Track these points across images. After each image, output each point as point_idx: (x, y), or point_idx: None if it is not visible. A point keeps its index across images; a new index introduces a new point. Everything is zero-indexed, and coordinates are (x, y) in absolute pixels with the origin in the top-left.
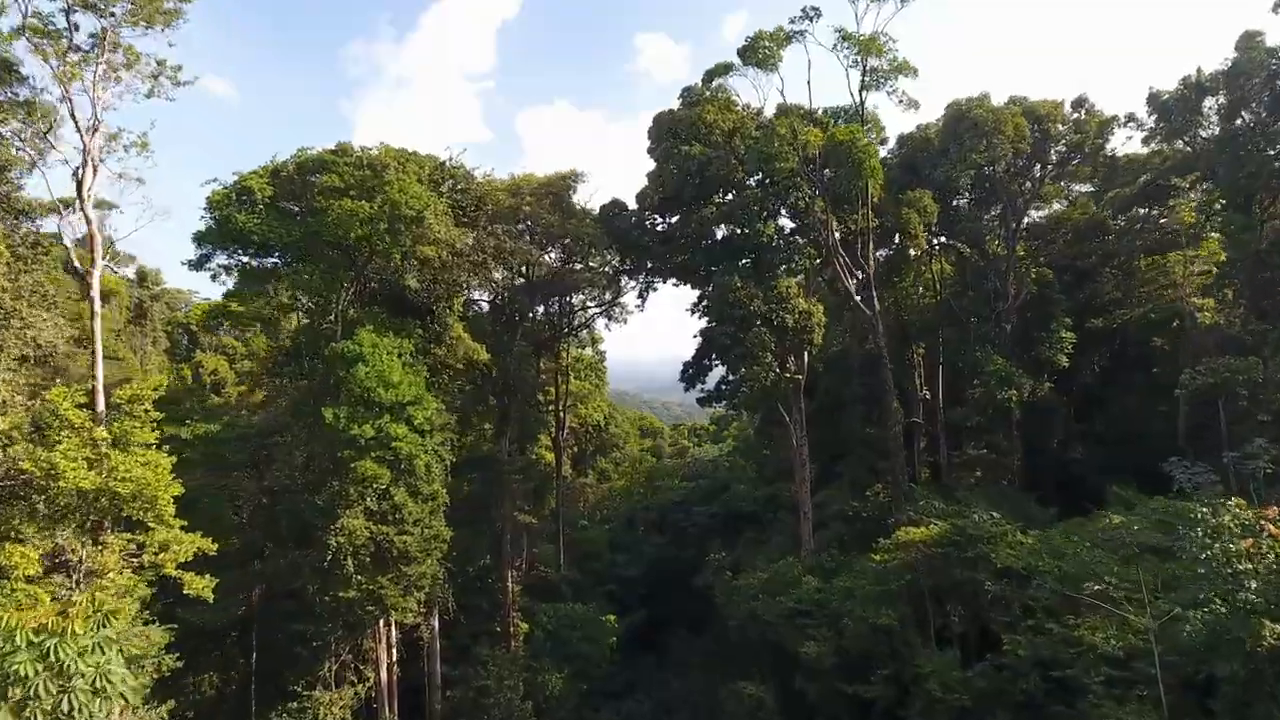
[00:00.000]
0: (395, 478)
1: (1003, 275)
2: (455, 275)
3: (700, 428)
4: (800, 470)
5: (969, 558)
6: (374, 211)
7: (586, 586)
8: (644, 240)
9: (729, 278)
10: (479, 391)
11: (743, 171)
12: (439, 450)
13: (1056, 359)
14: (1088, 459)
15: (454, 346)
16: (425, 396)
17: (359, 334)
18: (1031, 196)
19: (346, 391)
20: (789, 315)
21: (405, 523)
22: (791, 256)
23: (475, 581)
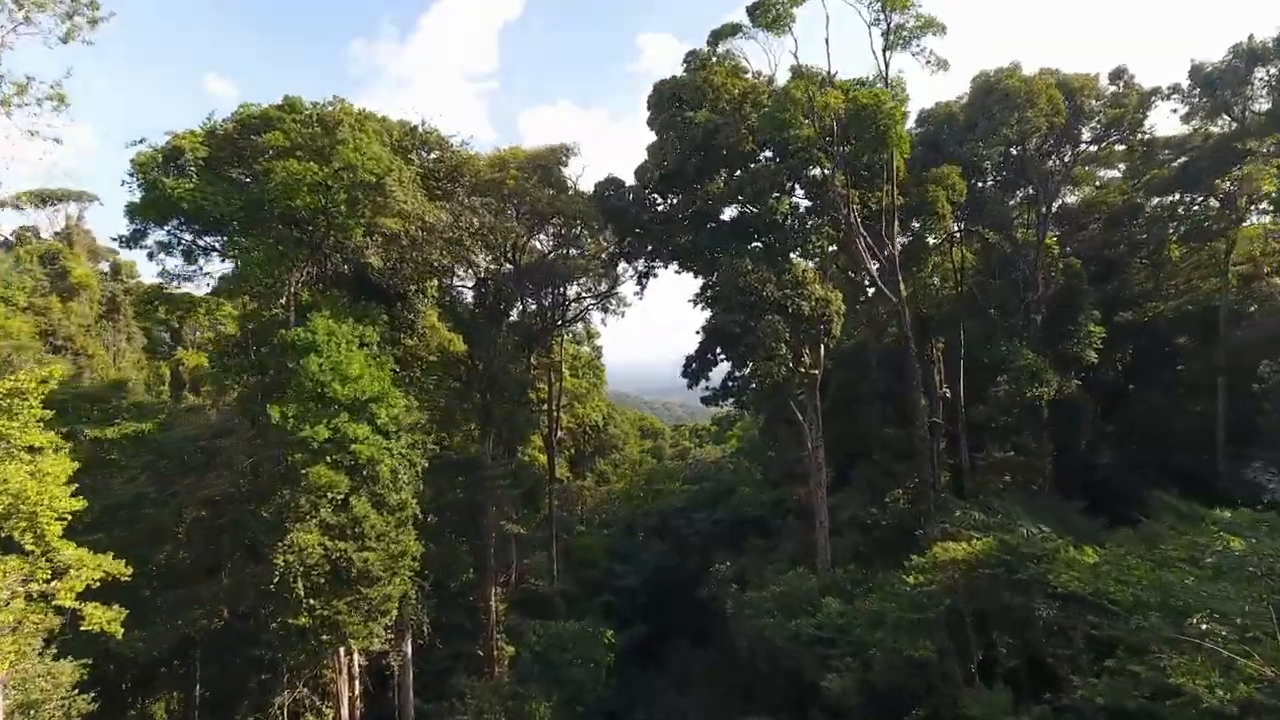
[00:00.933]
0: (355, 486)
1: (1032, 263)
2: (426, 254)
3: (702, 428)
4: (816, 474)
5: (1020, 580)
6: (325, 175)
7: (582, 598)
8: (643, 219)
9: (739, 260)
10: (464, 389)
11: (753, 142)
12: (408, 454)
13: (1084, 355)
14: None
15: (427, 336)
16: (391, 392)
17: (312, 319)
18: (1063, 178)
19: (296, 386)
20: (805, 302)
21: (367, 537)
22: (807, 238)
23: (457, 598)
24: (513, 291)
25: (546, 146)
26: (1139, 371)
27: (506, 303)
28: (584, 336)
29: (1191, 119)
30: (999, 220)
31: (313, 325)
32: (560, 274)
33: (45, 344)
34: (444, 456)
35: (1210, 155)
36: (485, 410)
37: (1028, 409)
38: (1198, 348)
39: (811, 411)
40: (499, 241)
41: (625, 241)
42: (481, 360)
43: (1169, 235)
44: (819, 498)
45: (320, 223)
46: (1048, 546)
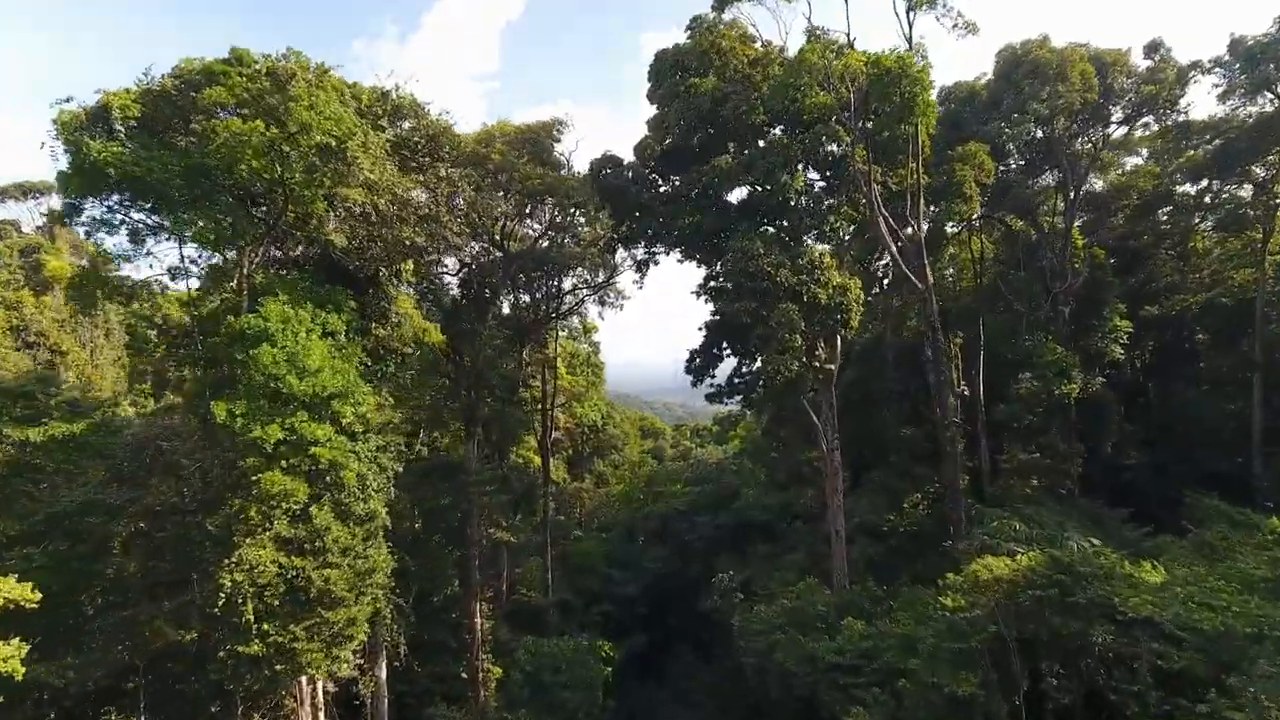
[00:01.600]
0: (316, 494)
1: (1060, 252)
2: (399, 233)
3: (703, 428)
4: (831, 479)
5: (1077, 603)
6: (276, 137)
7: (578, 608)
8: (643, 199)
9: (749, 242)
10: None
11: (764, 114)
12: (378, 457)
13: (1110, 350)
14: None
15: (400, 325)
16: (357, 387)
17: (265, 304)
18: (1093, 160)
19: (246, 381)
20: (821, 290)
21: (329, 552)
22: (823, 220)
23: (440, 614)
24: (501, 280)
25: (537, 121)
26: (1163, 368)
27: (494, 292)
28: (580, 331)
29: (1229, 97)
30: (1024, 205)
31: (265, 311)
32: (554, 262)
33: (16, 340)
34: (428, 459)
35: (1249, 136)
36: (470, 409)
37: (1055, 407)
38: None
39: (826, 410)
40: (483, 222)
41: (624, 225)
42: (467, 354)
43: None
44: (835, 504)
45: (276, 195)
46: (1103, 563)
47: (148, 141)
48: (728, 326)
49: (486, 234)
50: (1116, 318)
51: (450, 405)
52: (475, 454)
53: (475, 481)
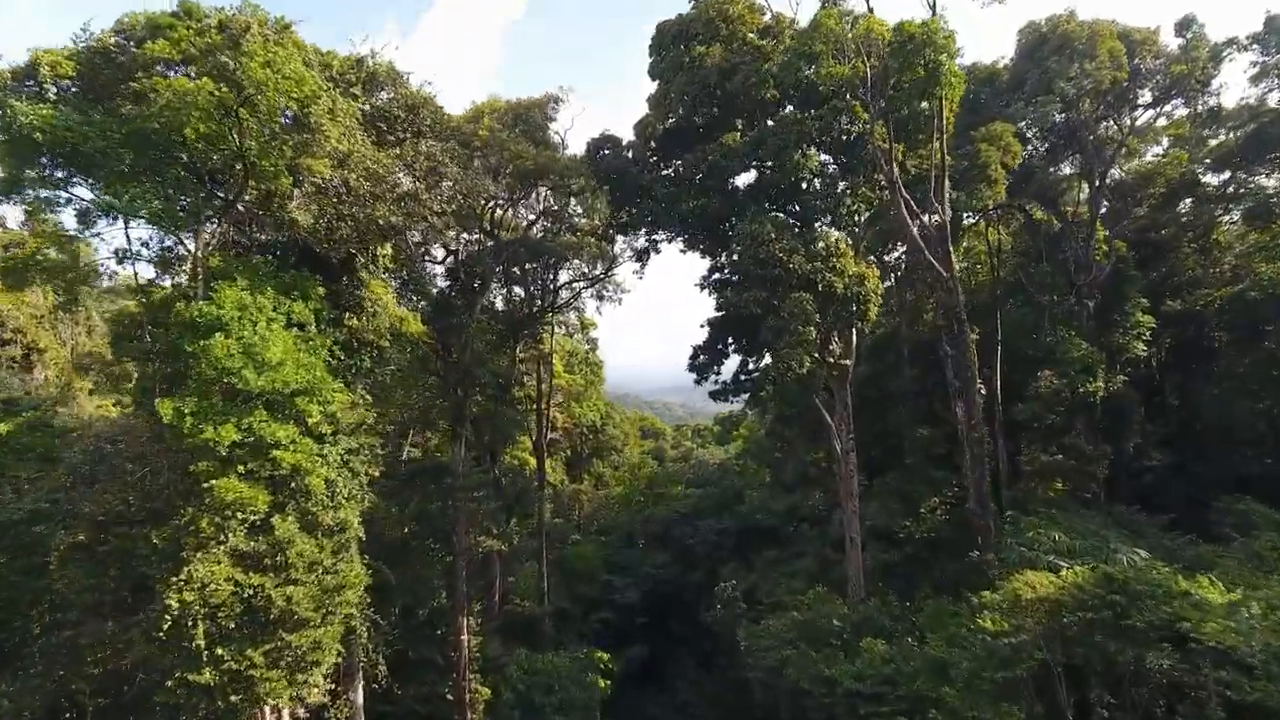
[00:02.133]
0: (278, 502)
1: (1084, 242)
2: (372, 211)
3: (704, 428)
4: (847, 483)
5: (1133, 626)
6: (225, 97)
7: (576, 617)
8: (644, 180)
9: (759, 226)
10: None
11: (774, 88)
12: (351, 461)
13: (1131, 347)
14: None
15: (375, 314)
16: (325, 383)
17: (219, 290)
18: (1118, 146)
19: (197, 375)
20: (837, 279)
21: (293, 568)
22: (838, 204)
23: (426, 629)
24: (490, 269)
25: (529, 97)
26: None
27: (483, 282)
28: (578, 327)
29: (1262, 80)
30: (1046, 193)
31: (219, 297)
32: (548, 253)
33: None
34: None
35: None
36: (457, 408)
37: (1077, 407)
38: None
39: (840, 409)
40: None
41: (623, 211)
42: (453, 349)
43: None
44: (850, 509)
45: (236, 169)
46: (1160, 580)
47: (83, 104)
48: (734, 320)
49: (475, 219)
50: (1138, 313)
51: (440, 404)
52: (462, 456)
53: (462, 486)
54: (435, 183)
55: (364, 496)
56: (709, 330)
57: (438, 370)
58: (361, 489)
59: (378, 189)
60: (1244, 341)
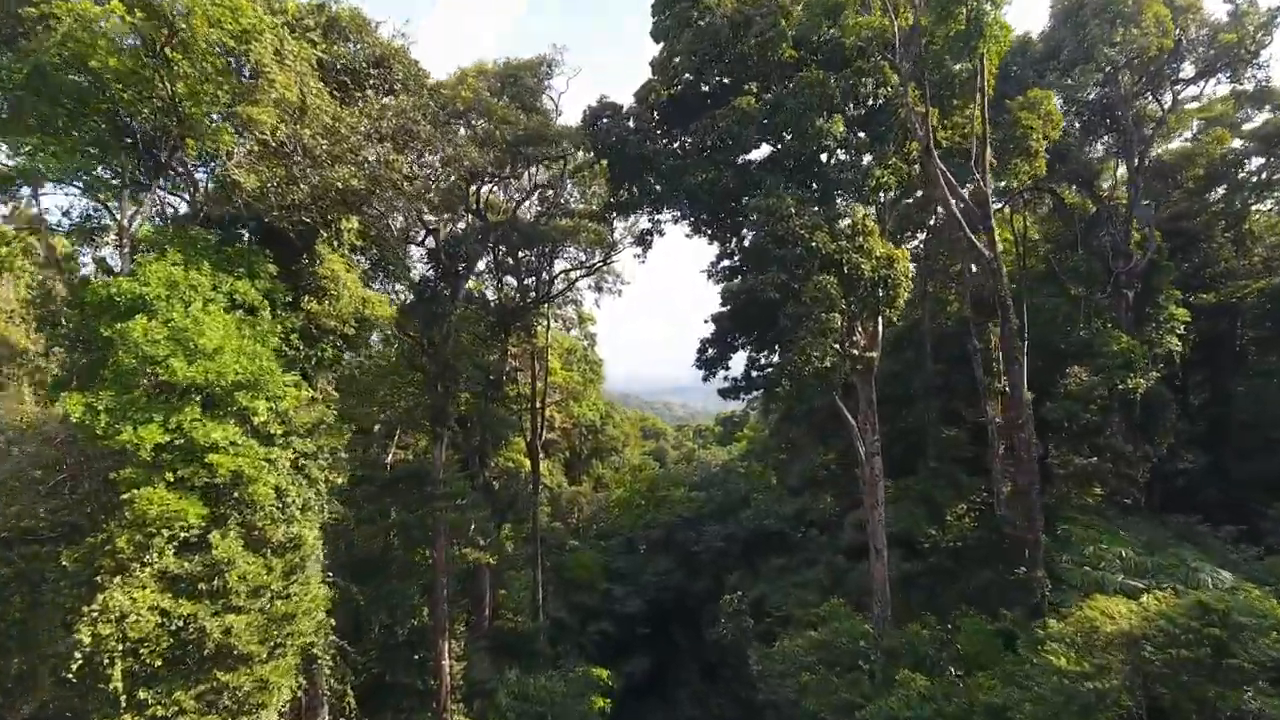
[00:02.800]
0: (217, 515)
1: (1123, 227)
2: (329, 174)
3: (705, 428)
4: (871, 489)
5: (1239, 666)
6: (143, 26)
7: (573, 628)
8: (646, 151)
9: (777, 200)
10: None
11: (792, 47)
12: (307, 467)
13: (1165, 341)
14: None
15: (336, 295)
16: (272, 375)
17: (144, 265)
18: (1158, 124)
19: (115, 364)
20: (865, 260)
21: (234, 593)
22: (865, 176)
23: (405, 650)
24: (475, 252)
25: (519, 59)
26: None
27: (467, 265)
28: (575, 321)
29: None
30: (1081, 174)
31: (144, 272)
32: (542, 238)
33: None
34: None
35: None
36: (438, 406)
37: (1114, 404)
38: None
39: (865, 407)
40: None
41: (622, 189)
42: (432, 339)
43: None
44: (876, 517)
45: (168, 122)
46: (1265, 608)
47: None
48: (745, 310)
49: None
50: (1173, 305)
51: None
52: (443, 460)
53: (444, 494)
54: (406, 143)
55: (324, 507)
56: (715, 326)
57: (422, 365)
58: (321, 498)
59: (337, 149)
60: (1277, 339)
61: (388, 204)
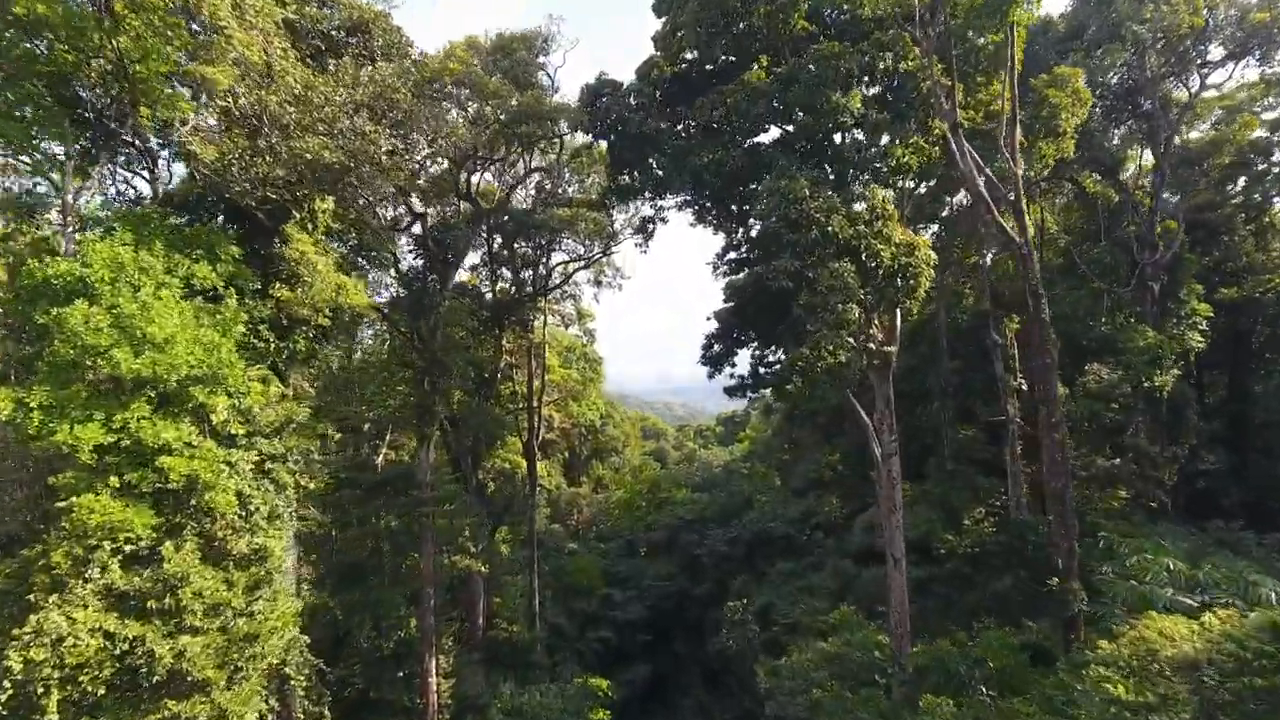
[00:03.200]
0: (171, 525)
1: (1148, 218)
2: (298, 145)
3: (706, 429)
4: (888, 492)
5: None
6: None
7: (572, 636)
8: (648, 129)
9: (791, 182)
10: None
11: (805, 18)
12: (275, 471)
13: (1187, 338)
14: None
15: (308, 282)
16: (233, 368)
17: (87, 245)
18: (1184, 109)
19: (51, 355)
20: (884, 247)
21: (188, 612)
22: (884, 157)
23: (391, 665)
24: (466, 239)
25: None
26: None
27: (456, 254)
28: (574, 318)
29: None
30: (1104, 161)
31: (87, 253)
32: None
33: None
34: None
35: None
36: (424, 405)
37: (1140, 402)
38: None
39: (882, 405)
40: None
41: (624, 173)
42: (419, 332)
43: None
44: (893, 524)
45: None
46: None
47: None
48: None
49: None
50: (1195, 300)
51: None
52: (430, 462)
53: (431, 498)
54: (385, 113)
55: (292, 515)
56: (718, 323)
57: (411, 361)
58: (291, 505)
59: (307, 118)
60: None
61: (366, 182)
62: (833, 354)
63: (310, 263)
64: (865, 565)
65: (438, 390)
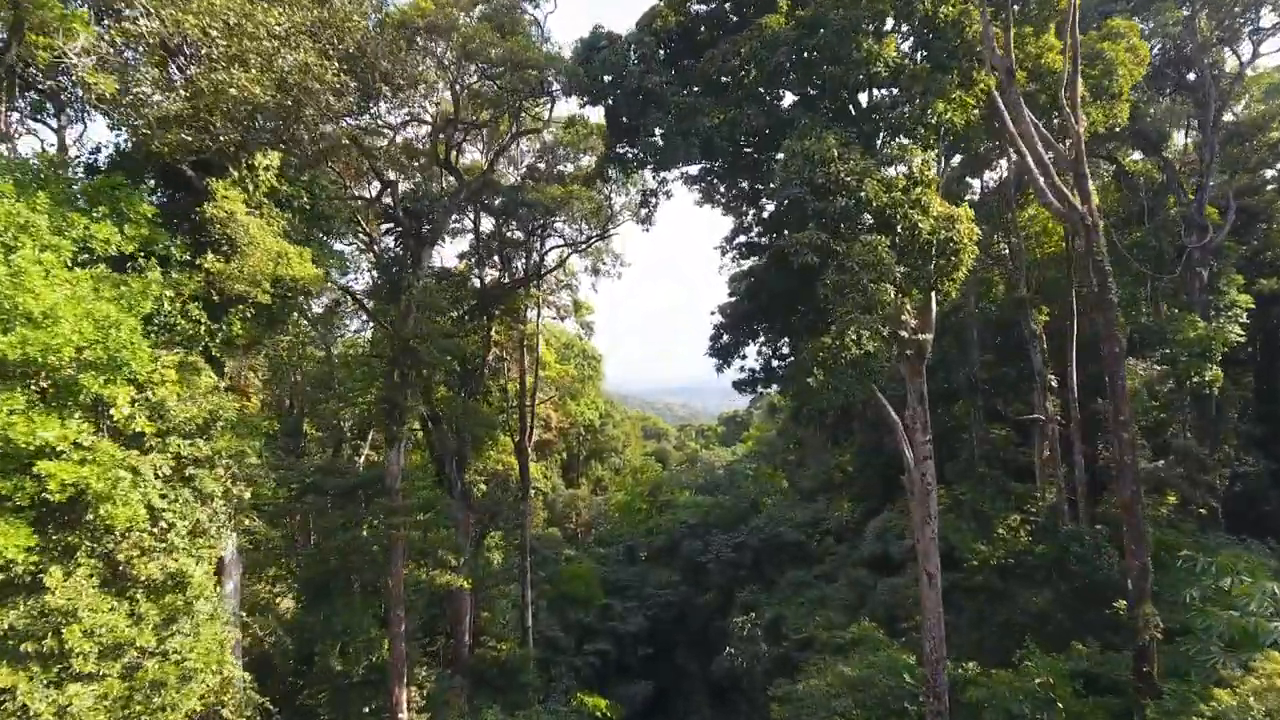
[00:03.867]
0: (60, 546)
1: (1198, 198)
2: (222, 80)
3: (707, 429)
4: (922, 501)
5: None
6: None
7: (568, 649)
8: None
9: (816, 142)
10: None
11: None
12: (199, 478)
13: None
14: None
15: (244, 251)
16: (136, 352)
17: None
18: (1236, 78)
19: None
20: (923, 218)
21: (79, 656)
22: (923, 114)
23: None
24: (443, 212)
25: None
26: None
27: (432, 228)
28: (570, 309)
29: None
30: (1148, 135)
31: None
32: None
33: None
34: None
35: None
36: (392, 399)
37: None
38: None
39: (915, 402)
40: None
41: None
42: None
43: None
44: (927, 536)
45: None
46: None
47: None
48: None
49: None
50: (1235, 290)
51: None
52: (400, 464)
53: (400, 507)
54: (333, 43)
55: (227, 529)
56: (722, 317)
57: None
58: (220, 518)
59: (236, 46)
60: None
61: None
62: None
63: (240, 224)
64: (881, 574)
65: (409, 383)
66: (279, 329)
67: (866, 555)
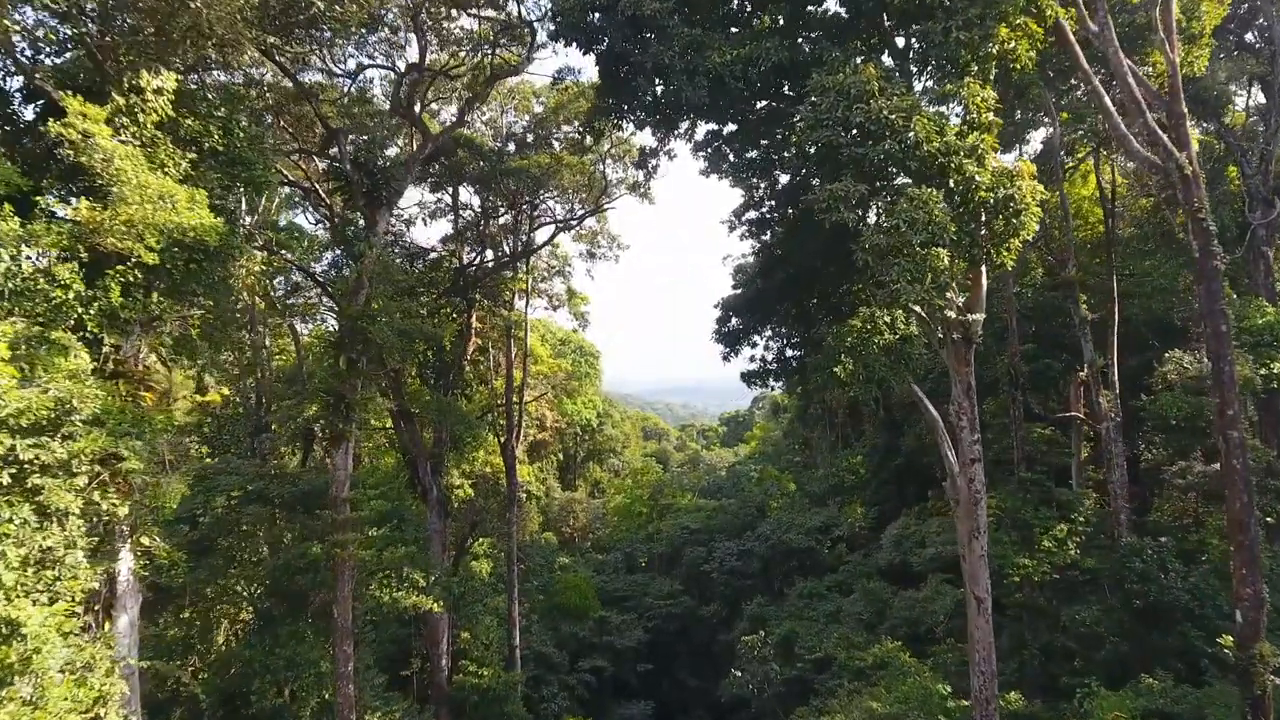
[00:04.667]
0: None
1: (1260, 167)
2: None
3: (709, 429)
4: (969, 511)
5: None
6: None
7: (561, 667)
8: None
9: (851, 74)
10: None
11: None
12: (49, 490)
13: None
14: None
15: (120, 196)
16: None
17: None
18: None
19: None
20: (980, 171)
21: None
22: (983, 41)
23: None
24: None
25: None
26: None
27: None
28: (564, 299)
29: None
30: (1206, 100)
31: None
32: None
33: None
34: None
35: None
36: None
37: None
38: None
39: (961, 395)
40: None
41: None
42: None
43: None
44: (976, 551)
45: None
46: None
47: None
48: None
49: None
50: None
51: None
52: (348, 470)
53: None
54: None
55: (102, 558)
56: (722, 311)
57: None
58: (79, 542)
59: None
60: None
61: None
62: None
63: (102, 150)
64: (899, 585)
65: (357, 370)
66: (185, 301)
67: (883, 565)
